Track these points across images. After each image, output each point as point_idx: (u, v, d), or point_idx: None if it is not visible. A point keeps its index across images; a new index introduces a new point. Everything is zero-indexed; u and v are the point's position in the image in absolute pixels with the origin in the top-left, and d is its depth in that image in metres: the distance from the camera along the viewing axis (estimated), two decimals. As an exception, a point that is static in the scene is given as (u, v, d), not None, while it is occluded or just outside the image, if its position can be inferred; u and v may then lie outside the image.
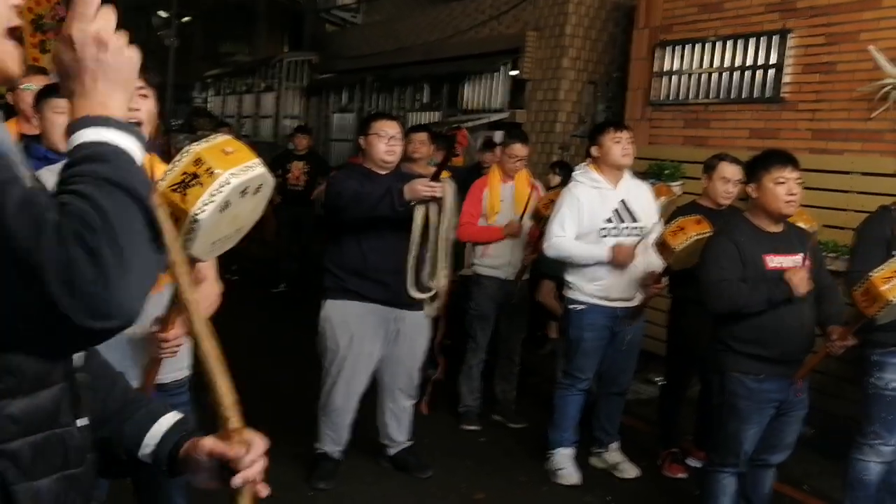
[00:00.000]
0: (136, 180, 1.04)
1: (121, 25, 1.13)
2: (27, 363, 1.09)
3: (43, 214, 0.96)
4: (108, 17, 1.12)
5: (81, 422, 1.23)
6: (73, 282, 0.95)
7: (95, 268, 0.96)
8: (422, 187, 3.88)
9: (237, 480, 1.28)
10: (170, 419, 1.42)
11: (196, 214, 1.80)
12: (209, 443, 1.32)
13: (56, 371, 1.16)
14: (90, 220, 0.97)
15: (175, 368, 2.66)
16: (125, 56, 1.13)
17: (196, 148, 1.88)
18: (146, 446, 1.38)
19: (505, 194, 5.39)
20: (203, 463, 1.33)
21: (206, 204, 1.80)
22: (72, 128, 1.09)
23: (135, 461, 1.38)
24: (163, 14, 17.86)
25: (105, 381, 1.43)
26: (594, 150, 4.54)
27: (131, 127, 1.11)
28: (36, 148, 3.13)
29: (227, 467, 1.30)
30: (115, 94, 1.12)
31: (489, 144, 7.17)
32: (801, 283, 3.43)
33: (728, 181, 4.61)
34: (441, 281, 3.98)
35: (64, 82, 1.13)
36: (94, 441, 1.29)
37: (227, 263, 9.96)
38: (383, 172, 4.23)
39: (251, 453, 1.30)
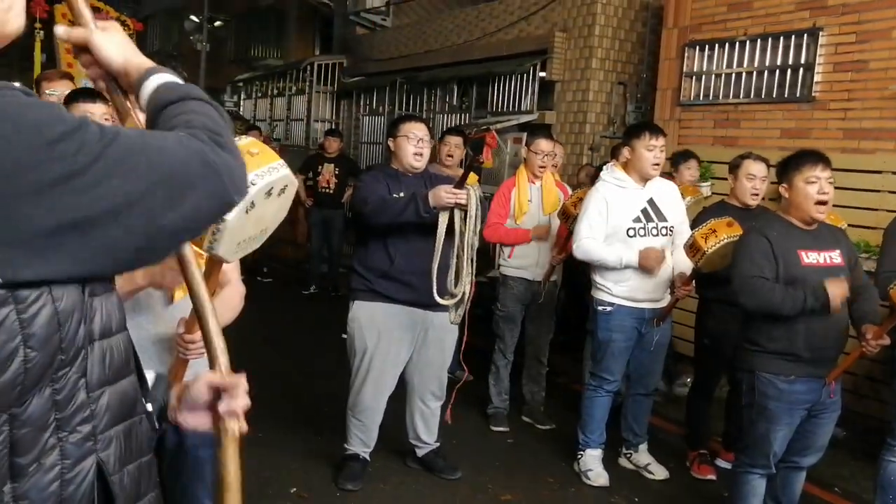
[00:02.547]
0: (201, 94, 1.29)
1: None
2: (116, 351, 1.17)
3: (197, 143, 1.15)
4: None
5: (149, 406, 1.32)
6: (233, 174, 1.17)
7: (234, 157, 1.19)
8: (446, 194, 3.89)
9: (223, 406, 1.31)
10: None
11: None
12: (206, 377, 1.36)
13: (131, 360, 1.24)
14: (212, 127, 1.20)
15: (202, 369, 2.69)
16: None
17: (222, 150, 1.91)
18: None
19: (532, 195, 5.39)
20: (194, 399, 1.36)
21: (232, 205, 1.83)
22: (149, 73, 1.32)
23: None
24: (194, 18, 18.03)
25: None
26: (626, 152, 4.51)
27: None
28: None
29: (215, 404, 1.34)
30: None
31: None
32: (841, 296, 3.36)
33: (754, 178, 4.58)
34: (465, 287, 3.99)
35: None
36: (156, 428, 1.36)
37: (260, 265, 10.08)
38: (411, 174, 4.26)
39: (238, 388, 1.34)
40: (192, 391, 1.36)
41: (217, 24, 18.72)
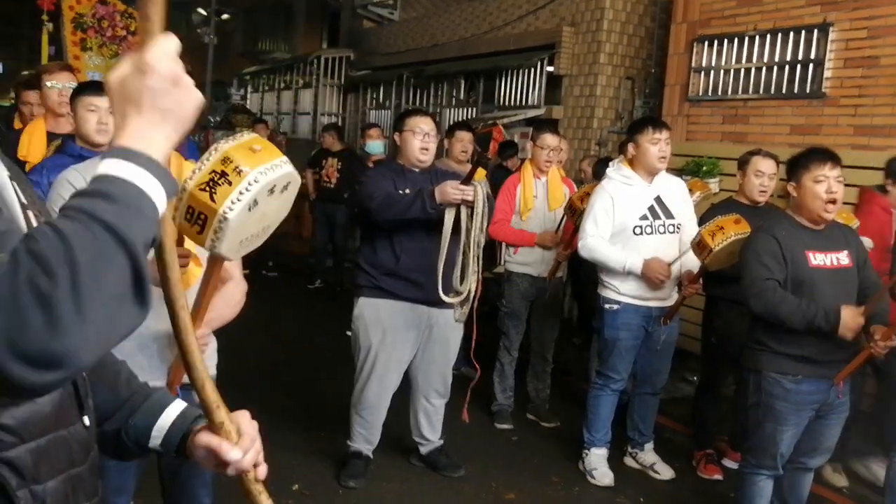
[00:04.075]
0: (135, 229, 0.96)
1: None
2: None
3: None
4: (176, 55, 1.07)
5: (87, 419, 1.27)
6: (17, 328, 0.88)
7: (45, 314, 0.89)
8: (452, 191, 3.85)
9: (231, 472, 1.30)
10: (175, 409, 1.44)
11: (225, 213, 1.79)
12: (204, 438, 1.34)
13: None
14: (52, 264, 0.90)
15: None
16: (193, 97, 1.07)
17: (224, 146, 1.88)
18: (155, 437, 1.41)
19: (538, 190, 5.34)
20: (204, 454, 1.35)
21: (234, 203, 1.79)
22: (104, 155, 1.02)
23: (145, 449, 1.42)
24: (202, 11, 18.03)
25: (109, 371, 1.45)
26: (631, 148, 4.47)
27: (163, 170, 1.02)
28: (71, 146, 3.17)
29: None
30: (165, 130, 1.05)
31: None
32: (854, 328, 3.31)
33: (763, 174, 4.53)
34: (471, 285, 3.95)
35: (119, 104, 1.05)
36: (97, 436, 1.32)
37: (264, 260, 10.07)
38: (417, 169, 4.22)
39: (242, 443, 1.31)
40: (198, 442, 1.35)
41: (225, 17, 18.71)
